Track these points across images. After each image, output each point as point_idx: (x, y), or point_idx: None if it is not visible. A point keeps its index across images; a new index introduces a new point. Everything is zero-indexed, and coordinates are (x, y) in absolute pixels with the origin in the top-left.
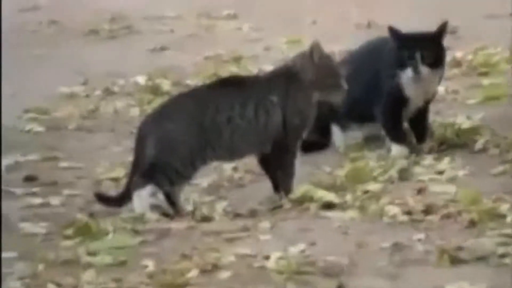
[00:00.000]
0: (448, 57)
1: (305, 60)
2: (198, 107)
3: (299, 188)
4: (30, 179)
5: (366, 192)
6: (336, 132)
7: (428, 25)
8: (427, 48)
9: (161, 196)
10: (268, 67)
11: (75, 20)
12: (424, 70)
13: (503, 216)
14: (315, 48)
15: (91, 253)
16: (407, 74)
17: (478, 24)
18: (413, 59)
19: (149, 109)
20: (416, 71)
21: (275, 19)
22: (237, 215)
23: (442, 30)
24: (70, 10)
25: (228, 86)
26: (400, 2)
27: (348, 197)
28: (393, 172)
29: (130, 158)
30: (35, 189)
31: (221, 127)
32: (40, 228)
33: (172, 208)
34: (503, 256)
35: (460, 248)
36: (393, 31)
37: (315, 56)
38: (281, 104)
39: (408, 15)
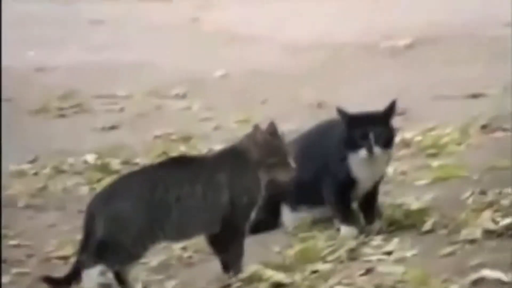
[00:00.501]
0: (397, 138)
1: (250, 140)
2: (147, 186)
3: (248, 267)
4: None
5: (315, 272)
6: (285, 212)
7: (378, 106)
8: (379, 127)
9: (110, 275)
10: (218, 147)
11: (25, 97)
12: (378, 150)
13: None
14: (257, 128)
15: None
16: (360, 155)
17: (427, 105)
18: (367, 139)
19: (98, 187)
20: (370, 151)
21: (225, 98)
22: None
23: (391, 109)
24: (21, 87)
25: (177, 165)
26: (350, 83)
27: (297, 277)
28: (342, 252)
29: (79, 236)
30: None
31: (170, 206)
32: None
33: (121, 287)
34: None
35: None
36: (342, 112)
37: (258, 136)
38: (229, 184)
39: (358, 96)
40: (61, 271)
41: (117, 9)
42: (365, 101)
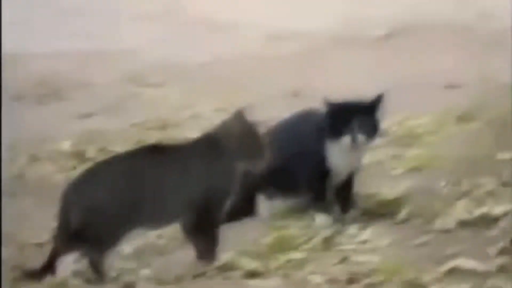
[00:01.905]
0: None
1: (227, 129)
2: (122, 174)
3: (223, 255)
4: None
5: (290, 260)
6: (261, 200)
7: (353, 96)
8: (364, 116)
9: (85, 262)
10: (194, 135)
11: (1, 83)
12: (361, 138)
13: (425, 287)
14: (237, 116)
15: None
16: (343, 142)
17: (403, 95)
18: (350, 126)
19: (73, 175)
20: (353, 139)
21: (202, 86)
22: (161, 282)
23: (378, 101)
24: None
25: (151, 153)
26: (327, 71)
27: (272, 265)
28: (317, 241)
29: (55, 223)
30: None
31: (145, 195)
32: None
33: (95, 274)
34: None
35: None
36: (326, 100)
37: (234, 126)
38: (203, 172)
39: (335, 84)
40: (36, 258)
41: None
42: (342, 90)
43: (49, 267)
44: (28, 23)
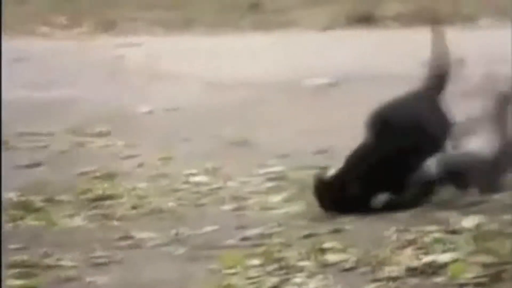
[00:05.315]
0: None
1: None
2: None
3: None
4: None
5: None
6: None
7: (300, 144)
8: None
9: None
10: (143, 185)
11: None
12: None
13: None
14: None
15: None
16: None
17: (350, 144)
18: None
19: (22, 224)
20: None
21: (148, 136)
22: None
23: None
24: None
25: None
26: (273, 122)
27: None
28: None
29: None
30: None
31: None
32: None
33: None
34: None
35: None
36: None
37: None
38: None
39: (280, 134)
40: None
41: (41, 47)
42: (287, 138)
43: None
44: None
